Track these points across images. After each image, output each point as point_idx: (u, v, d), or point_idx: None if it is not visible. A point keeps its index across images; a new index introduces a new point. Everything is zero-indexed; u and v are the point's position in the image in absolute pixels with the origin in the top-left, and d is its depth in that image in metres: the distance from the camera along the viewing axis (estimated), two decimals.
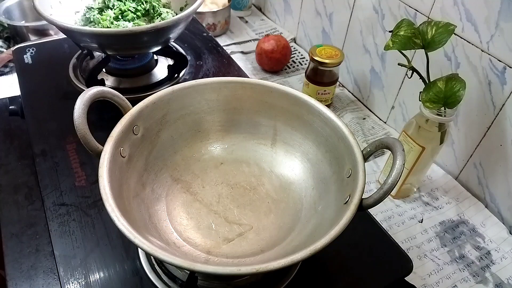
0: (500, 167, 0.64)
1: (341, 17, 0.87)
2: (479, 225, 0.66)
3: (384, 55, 0.78)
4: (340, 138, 0.46)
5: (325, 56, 0.79)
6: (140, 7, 0.69)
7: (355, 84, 0.89)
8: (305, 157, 0.51)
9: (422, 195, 0.70)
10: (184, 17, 0.62)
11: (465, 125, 0.67)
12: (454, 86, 0.54)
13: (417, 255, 0.61)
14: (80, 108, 0.40)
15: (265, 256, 0.44)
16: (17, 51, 0.78)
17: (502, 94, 0.60)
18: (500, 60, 0.58)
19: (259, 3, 1.18)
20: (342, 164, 0.45)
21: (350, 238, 0.40)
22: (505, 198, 0.65)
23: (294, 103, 0.50)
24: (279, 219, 0.49)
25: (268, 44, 0.92)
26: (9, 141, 0.66)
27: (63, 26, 0.59)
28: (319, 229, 0.42)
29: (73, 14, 0.72)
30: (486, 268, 0.60)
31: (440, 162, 0.75)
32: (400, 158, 0.38)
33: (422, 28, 0.56)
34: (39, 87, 0.71)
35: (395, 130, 0.82)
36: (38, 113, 0.66)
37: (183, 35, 0.76)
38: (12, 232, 0.52)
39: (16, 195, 0.57)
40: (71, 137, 0.61)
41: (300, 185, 0.51)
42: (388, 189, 0.37)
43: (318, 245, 0.35)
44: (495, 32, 0.58)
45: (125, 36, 0.60)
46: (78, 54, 0.75)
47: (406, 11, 0.70)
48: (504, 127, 0.61)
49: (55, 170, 0.57)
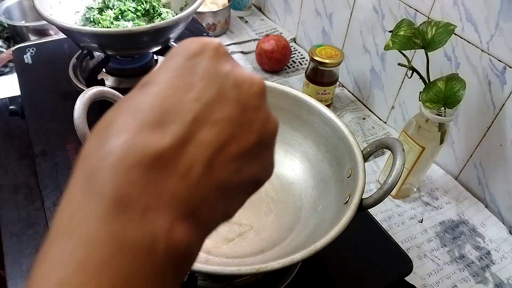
0: (500, 167, 0.64)
1: (341, 17, 0.87)
2: (479, 225, 0.66)
3: (384, 55, 0.78)
4: (340, 138, 0.46)
5: (325, 56, 0.79)
6: (140, 7, 0.69)
7: (355, 84, 0.89)
8: (305, 157, 0.51)
9: (422, 195, 0.70)
10: (184, 17, 0.62)
11: (465, 125, 0.67)
12: (454, 86, 0.54)
13: (417, 255, 0.61)
14: (80, 108, 0.40)
15: (265, 256, 0.44)
16: (17, 51, 0.78)
17: (502, 94, 0.60)
18: (500, 60, 0.58)
19: (259, 3, 1.18)
20: (342, 164, 0.45)
21: (350, 238, 0.40)
22: (505, 198, 0.65)
23: (294, 103, 0.50)
24: (279, 219, 0.49)
25: (268, 44, 0.92)
26: (9, 141, 0.66)
27: (63, 26, 0.59)
28: (319, 229, 0.42)
29: (73, 14, 0.72)
30: (486, 268, 0.60)
31: (440, 162, 0.75)
32: (400, 158, 0.38)
33: (422, 28, 0.56)
34: (39, 87, 0.71)
35: (395, 130, 0.82)
36: (38, 113, 0.66)
37: (183, 35, 0.76)
38: (12, 232, 0.52)
39: (16, 195, 0.57)
40: (71, 137, 0.61)
41: (300, 185, 0.51)
42: (388, 189, 0.37)
43: (318, 245, 0.35)
44: (495, 32, 0.58)
45: (125, 36, 0.60)
46: (78, 54, 0.75)
47: (406, 11, 0.70)
48: (504, 127, 0.61)
49: (55, 170, 0.57)
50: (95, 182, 0.17)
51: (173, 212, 0.18)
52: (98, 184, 0.17)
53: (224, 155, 0.19)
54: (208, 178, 0.18)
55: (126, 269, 0.17)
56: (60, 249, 0.17)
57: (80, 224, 0.17)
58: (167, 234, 0.17)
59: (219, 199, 0.19)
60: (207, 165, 0.18)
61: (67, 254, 0.17)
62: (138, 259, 0.17)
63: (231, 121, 0.19)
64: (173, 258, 0.18)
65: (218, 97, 0.19)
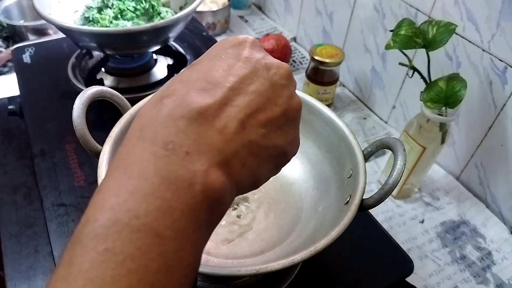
0: (501, 167, 0.64)
1: (341, 16, 0.86)
2: (480, 225, 0.66)
3: (385, 55, 0.78)
4: (340, 138, 0.45)
5: (325, 56, 0.78)
6: (139, 6, 0.69)
7: (356, 83, 0.89)
8: (306, 157, 0.51)
9: (423, 195, 0.70)
10: (184, 16, 0.62)
11: (466, 125, 0.67)
12: (455, 86, 0.54)
13: (418, 255, 0.61)
14: (79, 108, 0.40)
15: (265, 257, 0.44)
16: (16, 50, 0.77)
17: (503, 94, 0.60)
18: (501, 60, 0.58)
19: (259, 2, 1.17)
20: (343, 164, 0.45)
21: (350, 238, 0.40)
22: (506, 198, 0.65)
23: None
24: (279, 220, 0.48)
25: (268, 43, 0.92)
26: (8, 141, 0.66)
27: (62, 25, 0.59)
28: (320, 229, 0.42)
29: (72, 14, 0.71)
30: (487, 268, 0.60)
31: (441, 162, 0.74)
32: (401, 158, 0.38)
33: (423, 28, 0.55)
34: (38, 87, 0.71)
35: (396, 130, 0.82)
36: (37, 113, 0.66)
37: (182, 34, 0.76)
38: (11, 233, 0.52)
39: (15, 195, 0.57)
40: (70, 137, 0.61)
41: (300, 186, 0.51)
42: (389, 190, 0.37)
43: (318, 246, 0.35)
44: (496, 31, 0.57)
45: (124, 36, 0.60)
46: (77, 53, 0.75)
47: (407, 11, 0.70)
48: (505, 127, 0.61)
49: (54, 170, 0.57)
50: (149, 130, 0.22)
51: (210, 158, 0.21)
52: (151, 131, 0.21)
53: (254, 119, 0.23)
54: (240, 135, 0.22)
55: (168, 200, 0.20)
56: (116, 181, 0.21)
57: (134, 161, 0.21)
58: (204, 175, 0.21)
59: (249, 156, 0.23)
60: (240, 124, 0.22)
61: (122, 184, 0.20)
62: (178, 192, 0.20)
63: (261, 93, 0.24)
64: (208, 197, 0.21)
65: (252, 75, 0.24)
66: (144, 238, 0.19)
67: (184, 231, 0.20)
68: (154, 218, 0.19)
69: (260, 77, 0.24)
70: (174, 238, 0.19)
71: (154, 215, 0.19)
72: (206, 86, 0.23)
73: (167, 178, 0.20)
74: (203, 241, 0.22)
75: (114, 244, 0.18)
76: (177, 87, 0.23)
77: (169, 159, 0.20)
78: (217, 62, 0.24)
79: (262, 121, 0.23)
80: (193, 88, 0.23)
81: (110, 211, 0.19)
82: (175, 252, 0.19)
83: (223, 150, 0.22)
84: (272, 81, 0.25)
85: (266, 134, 0.24)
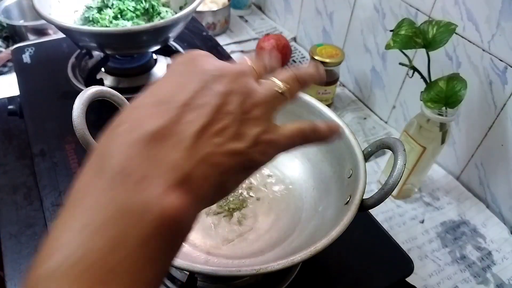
0: (501, 167, 0.64)
1: (341, 16, 0.86)
2: (480, 225, 0.66)
3: (385, 55, 0.78)
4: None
5: (325, 56, 0.78)
6: (139, 6, 0.69)
7: (356, 83, 0.89)
8: (306, 157, 0.51)
9: (423, 195, 0.70)
10: (184, 16, 0.62)
11: (466, 125, 0.67)
12: (455, 86, 0.54)
13: (418, 255, 0.61)
14: (78, 108, 0.40)
15: (265, 257, 0.44)
16: (16, 50, 0.77)
17: (503, 94, 0.59)
18: (502, 60, 0.58)
19: (259, 2, 1.17)
20: (343, 165, 0.45)
21: (350, 238, 0.40)
22: (506, 198, 0.65)
23: (294, 102, 0.50)
24: (279, 220, 0.48)
25: (268, 43, 0.91)
26: (8, 141, 0.66)
27: (62, 25, 0.59)
28: (320, 229, 0.42)
29: (72, 13, 0.71)
30: (487, 268, 0.60)
31: (441, 162, 0.74)
32: (401, 158, 0.38)
33: (423, 28, 0.55)
34: (38, 86, 0.70)
35: (396, 130, 0.82)
36: (37, 113, 0.66)
37: (182, 34, 0.76)
38: (11, 233, 0.52)
39: (15, 195, 0.57)
40: (70, 137, 0.61)
41: (300, 186, 0.51)
42: (389, 190, 0.37)
43: (318, 246, 0.35)
44: (496, 31, 0.57)
45: (124, 36, 0.60)
46: (77, 53, 0.75)
47: (407, 10, 0.70)
48: (506, 127, 0.61)
49: (54, 170, 0.57)
50: (104, 160, 0.21)
51: (169, 178, 0.21)
52: (106, 161, 0.21)
53: (208, 131, 0.23)
54: (197, 149, 0.22)
55: (121, 230, 0.19)
56: (69, 214, 0.21)
57: (87, 194, 0.21)
58: (159, 200, 0.20)
59: (210, 168, 0.23)
60: (194, 138, 0.22)
61: (74, 218, 0.20)
62: (131, 221, 0.20)
63: (211, 105, 0.24)
64: (165, 222, 0.20)
65: (200, 88, 0.24)
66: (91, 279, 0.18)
67: (137, 263, 0.19)
68: (101, 256, 0.19)
69: (209, 89, 0.24)
70: (126, 272, 0.19)
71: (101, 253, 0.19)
72: (157, 107, 0.23)
73: (119, 208, 0.20)
74: (161, 268, 0.21)
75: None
76: (129, 115, 0.23)
77: (121, 187, 0.20)
78: (167, 81, 0.25)
79: (216, 130, 0.23)
80: (144, 112, 0.23)
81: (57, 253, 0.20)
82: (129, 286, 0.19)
83: (181, 167, 0.22)
84: (221, 90, 0.25)
85: (223, 142, 0.23)
